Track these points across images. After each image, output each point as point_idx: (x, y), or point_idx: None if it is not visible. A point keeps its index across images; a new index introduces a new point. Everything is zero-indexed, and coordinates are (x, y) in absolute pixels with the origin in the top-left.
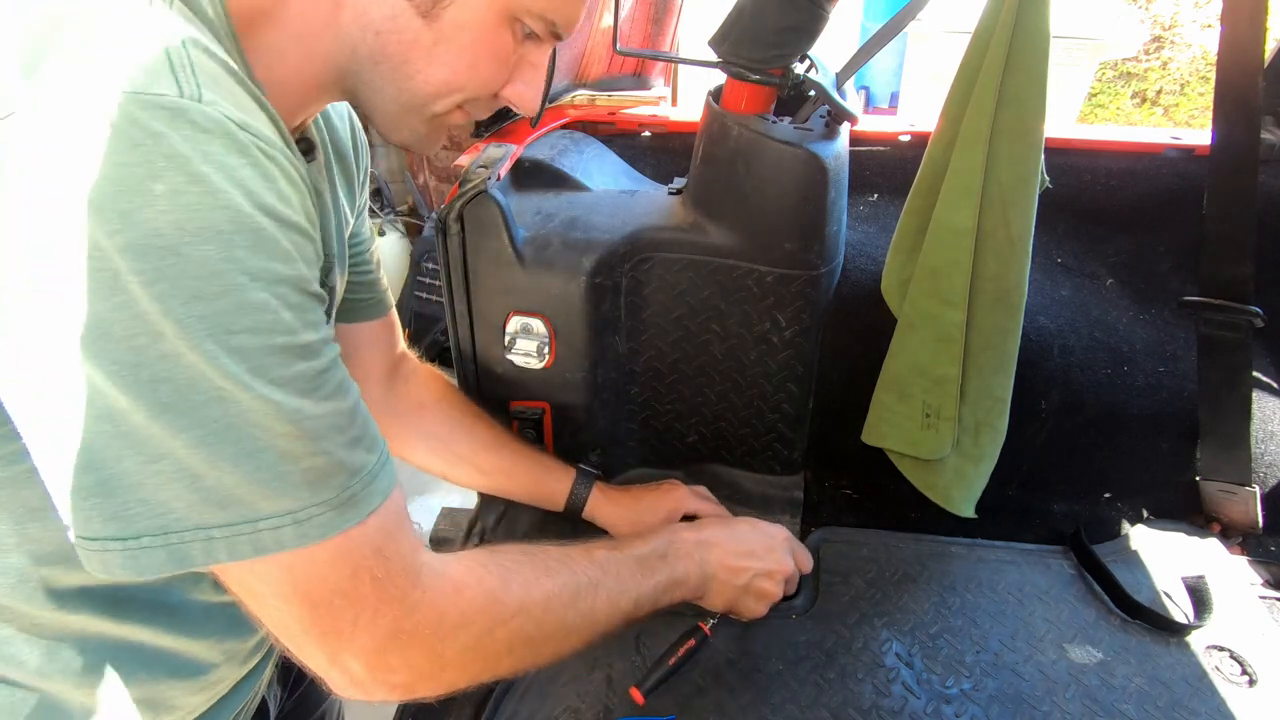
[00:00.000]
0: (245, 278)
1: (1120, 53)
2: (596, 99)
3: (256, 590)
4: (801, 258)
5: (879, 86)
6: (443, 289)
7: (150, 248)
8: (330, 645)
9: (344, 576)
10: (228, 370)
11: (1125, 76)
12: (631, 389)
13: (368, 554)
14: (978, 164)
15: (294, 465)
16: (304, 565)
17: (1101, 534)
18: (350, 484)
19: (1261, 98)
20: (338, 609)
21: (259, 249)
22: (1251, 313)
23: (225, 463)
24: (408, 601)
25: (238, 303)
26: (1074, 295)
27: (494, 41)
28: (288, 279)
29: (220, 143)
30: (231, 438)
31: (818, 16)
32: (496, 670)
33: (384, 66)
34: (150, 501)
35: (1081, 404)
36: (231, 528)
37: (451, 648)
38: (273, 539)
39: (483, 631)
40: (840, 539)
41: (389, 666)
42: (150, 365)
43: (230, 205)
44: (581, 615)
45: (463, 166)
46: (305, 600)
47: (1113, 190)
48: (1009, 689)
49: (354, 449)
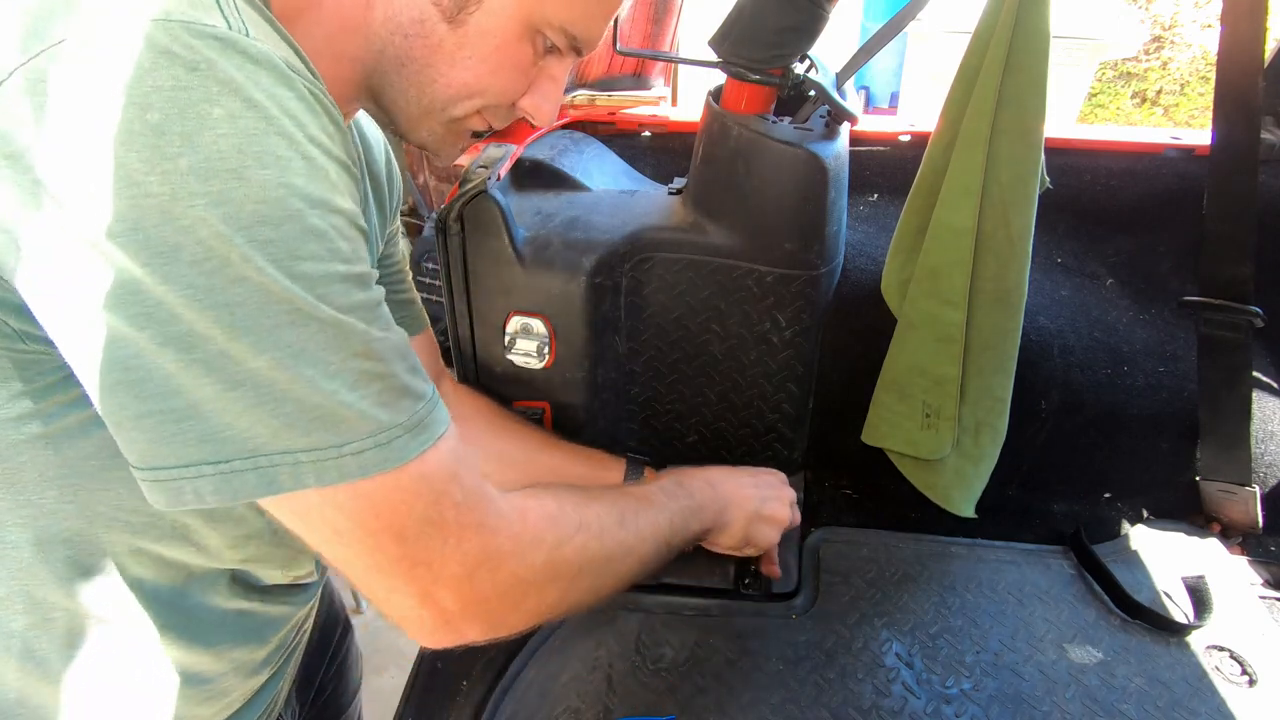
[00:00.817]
0: (304, 204)
1: (1120, 53)
2: (596, 99)
3: (342, 528)
4: (801, 258)
5: (879, 86)
6: (443, 289)
7: (214, 170)
8: (421, 579)
9: (428, 503)
10: (297, 295)
11: (1125, 76)
12: (631, 389)
13: (446, 478)
14: (978, 164)
15: (368, 388)
16: (388, 492)
17: (1101, 534)
18: (418, 409)
19: (1261, 98)
20: (426, 537)
21: (313, 177)
22: (1251, 313)
23: (303, 386)
24: (487, 524)
25: (300, 229)
26: (1074, 295)
27: (515, 51)
28: (341, 210)
29: (269, 74)
30: (307, 361)
31: (818, 16)
32: (573, 592)
33: (409, 69)
34: (236, 426)
35: (1081, 404)
36: (317, 452)
37: (531, 567)
38: (357, 463)
39: (553, 547)
40: (840, 539)
41: (481, 595)
42: (223, 289)
43: (284, 132)
44: (631, 534)
45: (463, 166)
46: (391, 531)
47: (1113, 190)
48: (1009, 689)
49: (415, 376)
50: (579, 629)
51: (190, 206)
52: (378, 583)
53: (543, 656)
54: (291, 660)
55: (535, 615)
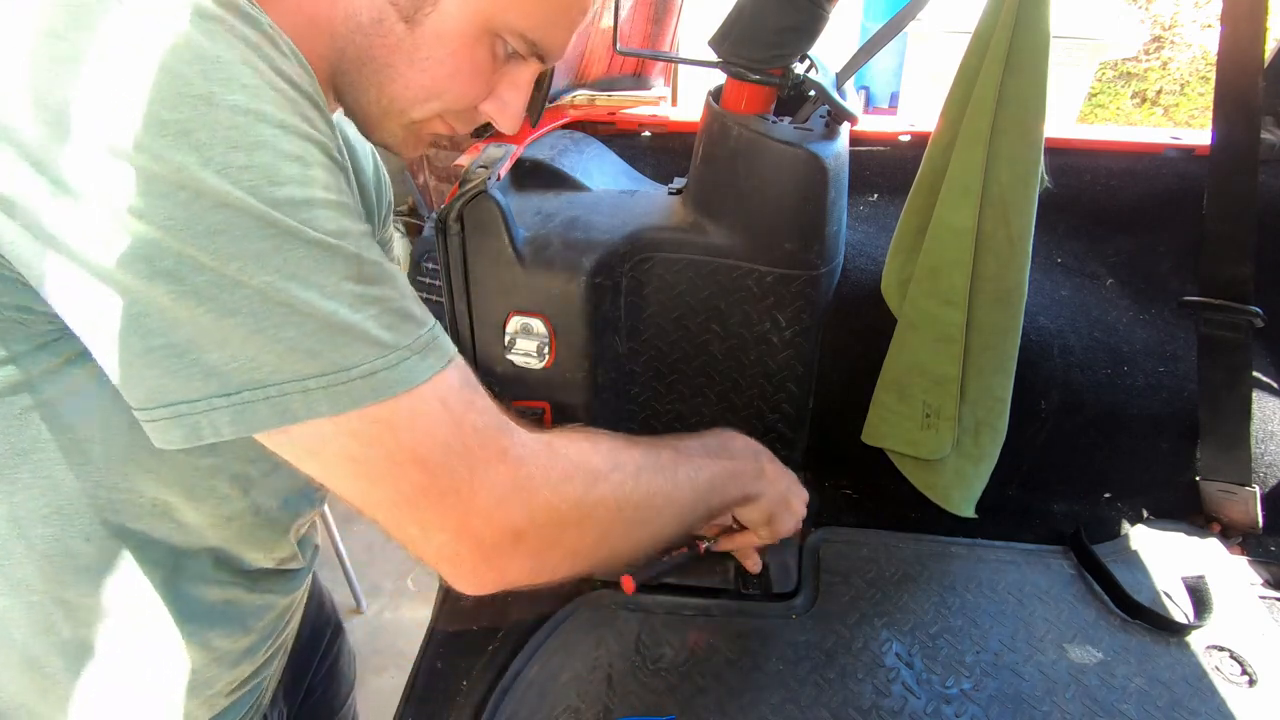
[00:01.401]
0: (278, 130)
1: (1120, 53)
2: (596, 99)
3: (361, 458)
4: (801, 258)
5: (879, 86)
6: (443, 289)
7: (183, 96)
8: (454, 510)
9: (448, 428)
10: (280, 219)
11: (1125, 76)
12: (631, 389)
13: (463, 403)
14: (978, 164)
15: (367, 310)
16: (406, 416)
17: (1101, 534)
18: (422, 332)
19: (1261, 98)
20: (451, 465)
21: (284, 106)
22: (1251, 313)
23: (300, 310)
24: (512, 453)
25: (276, 153)
26: (1074, 295)
27: (472, 55)
28: (315, 140)
29: (236, 16)
30: (300, 283)
31: (818, 16)
32: (613, 534)
33: (369, 68)
34: (240, 356)
35: (1081, 404)
36: (326, 377)
37: (566, 499)
38: (367, 386)
39: (588, 483)
40: (840, 539)
41: (516, 526)
42: (202, 217)
43: (250, 63)
44: (669, 483)
45: (463, 166)
46: (415, 460)
47: (1113, 190)
48: (1009, 689)
49: (414, 302)
50: (579, 629)
51: (164, 135)
52: (408, 518)
53: (543, 656)
54: (278, 656)
55: (577, 556)
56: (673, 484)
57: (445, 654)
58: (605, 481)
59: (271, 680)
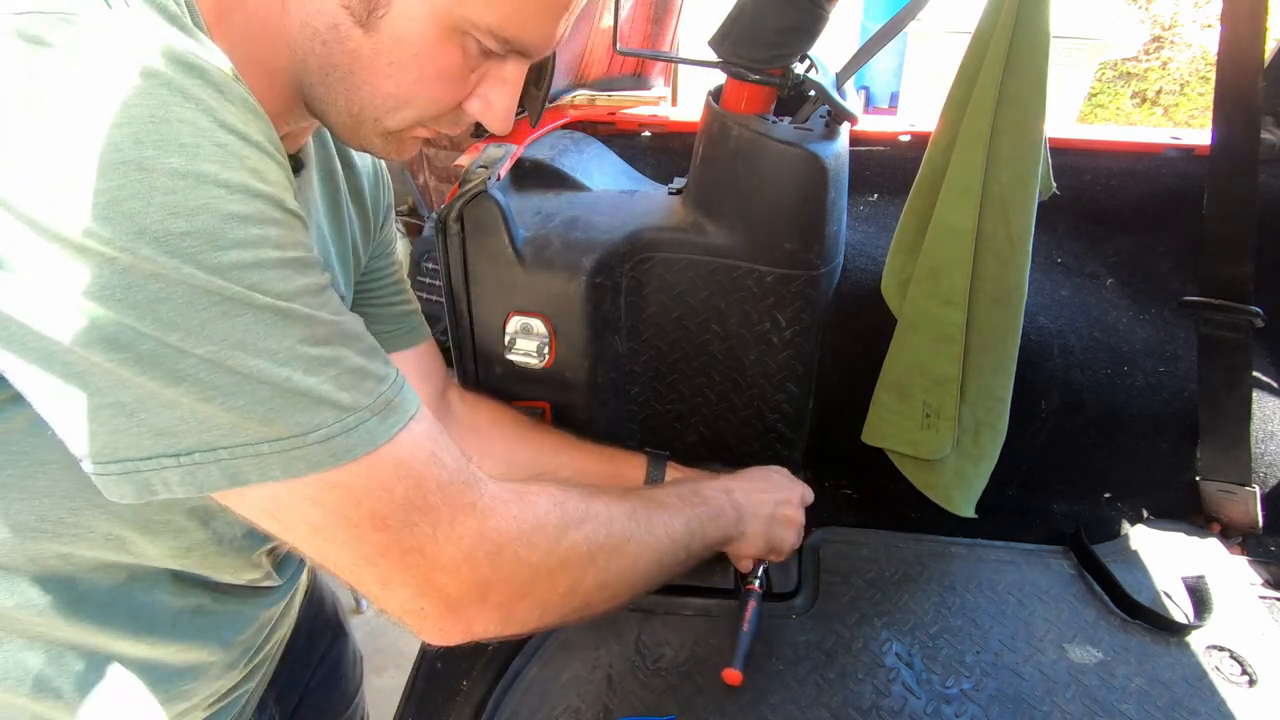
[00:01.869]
0: (221, 189)
1: (1120, 53)
2: (596, 99)
3: (319, 522)
4: (801, 258)
5: (879, 86)
6: (443, 289)
7: (114, 164)
8: (416, 567)
9: (409, 487)
10: (224, 286)
11: (1125, 76)
12: (631, 389)
13: (425, 460)
14: (978, 164)
15: (322, 373)
16: (364, 480)
17: (1101, 534)
18: (382, 390)
19: (1261, 98)
20: (413, 524)
21: (228, 162)
22: (1251, 313)
23: (250, 379)
24: (480, 506)
25: (219, 216)
26: (1074, 295)
27: (439, 57)
28: (264, 194)
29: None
30: (251, 351)
31: (818, 16)
32: (585, 583)
33: (333, 77)
34: (191, 418)
35: (1081, 404)
36: (281, 441)
37: (536, 549)
38: (324, 451)
39: (559, 532)
40: (840, 539)
41: (484, 578)
42: (141, 287)
43: (188, 120)
44: (643, 530)
45: (463, 166)
46: (375, 520)
47: (1113, 190)
48: (1009, 689)
49: (373, 358)
50: (579, 628)
51: (94, 204)
52: (368, 575)
53: (543, 656)
54: (262, 668)
55: (547, 607)
56: (647, 531)
57: (445, 654)
58: (577, 530)
59: (254, 695)
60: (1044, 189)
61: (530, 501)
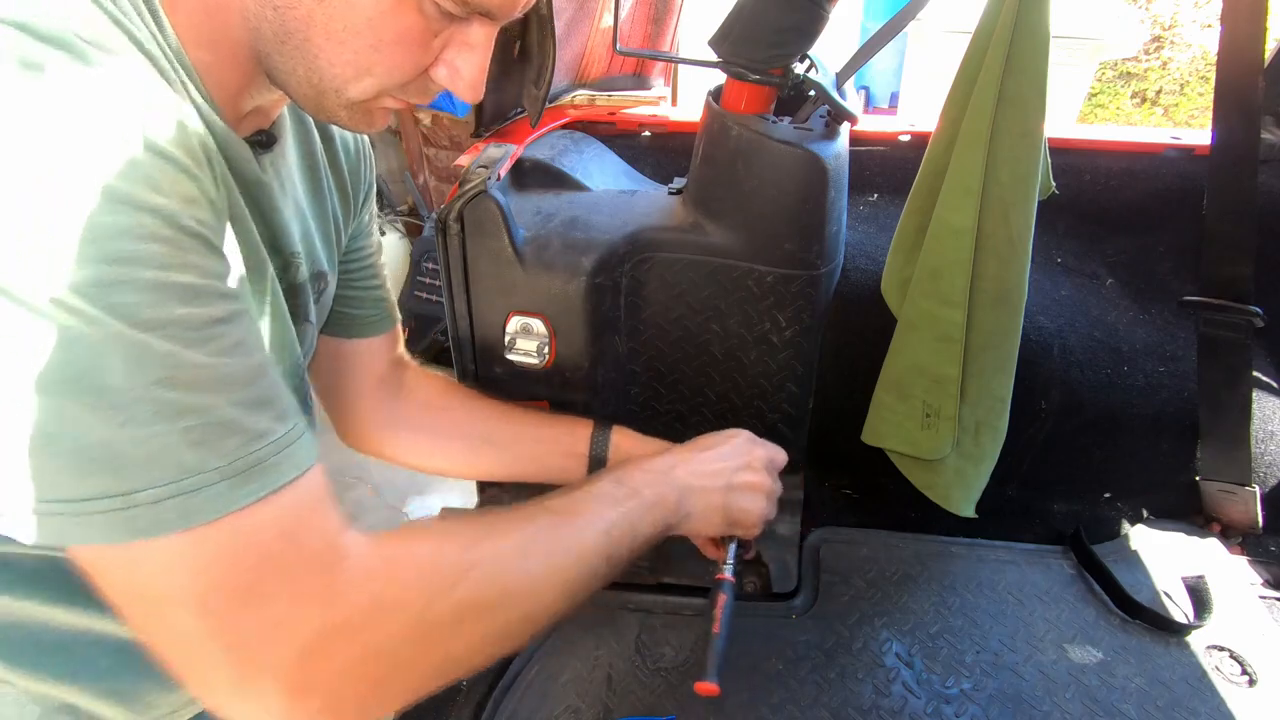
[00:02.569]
0: (93, 196)
1: (1120, 53)
2: (596, 99)
3: (140, 598)
4: (801, 258)
5: (879, 86)
6: (443, 289)
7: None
8: (238, 665)
9: (246, 568)
10: (75, 306)
11: (1125, 76)
12: (631, 389)
13: (274, 538)
14: (978, 164)
15: (172, 423)
16: (194, 554)
17: (1101, 534)
18: (247, 451)
19: (1261, 98)
20: (243, 616)
21: (108, 169)
22: (1251, 313)
23: (80, 419)
24: (331, 592)
25: (87, 226)
26: (1074, 295)
27: (395, 22)
28: (152, 207)
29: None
30: (87, 387)
31: (818, 16)
32: (450, 654)
33: (288, 46)
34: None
35: (1081, 404)
36: (101, 501)
37: (392, 637)
38: (151, 516)
39: (423, 607)
40: (840, 539)
41: (313, 686)
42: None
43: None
44: (545, 558)
45: (463, 166)
46: (201, 605)
47: (1113, 190)
48: (1009, 689)
49: (255, 412)
50: (579, 629)
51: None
52: (186, 664)
53: (543, 656)
54: None
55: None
56: (551, 557)
57: None
58: (445, 598)
59: None
60: (1043, 189)
61: (394, 570)
